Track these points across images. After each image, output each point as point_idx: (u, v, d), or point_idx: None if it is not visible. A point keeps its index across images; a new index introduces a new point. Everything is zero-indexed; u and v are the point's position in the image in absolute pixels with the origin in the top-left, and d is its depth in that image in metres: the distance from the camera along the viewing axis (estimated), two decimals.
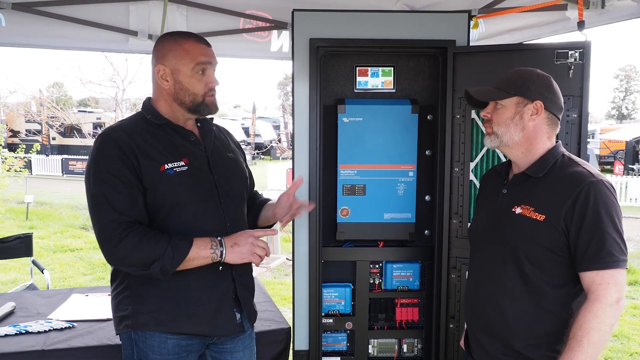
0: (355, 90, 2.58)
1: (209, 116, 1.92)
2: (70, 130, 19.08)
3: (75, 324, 2.44)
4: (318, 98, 2.41)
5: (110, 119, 17.83)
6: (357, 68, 2.57)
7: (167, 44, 1.78)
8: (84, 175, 1.78)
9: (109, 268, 6.79)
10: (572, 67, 2.14)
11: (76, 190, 13.26)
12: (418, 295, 2.65)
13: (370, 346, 2.67)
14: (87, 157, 1.80)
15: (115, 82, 9.83)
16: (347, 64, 2.58)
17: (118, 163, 1.69)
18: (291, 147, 2.54)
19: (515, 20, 2.82)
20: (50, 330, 2.36)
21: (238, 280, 1.87)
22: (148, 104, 1.85)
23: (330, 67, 2.55)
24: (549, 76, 1.70)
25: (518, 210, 1.67)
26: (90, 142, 15.31)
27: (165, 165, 1.73)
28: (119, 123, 1.84)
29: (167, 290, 1.76)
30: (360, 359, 2.66)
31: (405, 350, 2.69)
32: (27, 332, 2.33)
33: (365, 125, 2.49)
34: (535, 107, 1.66)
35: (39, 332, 2.33)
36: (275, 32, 3.44)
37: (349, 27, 2.40)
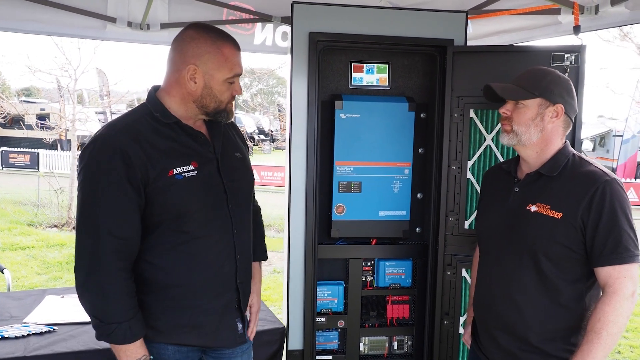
0: (350, 87, 2.55)
1: None
2: (12, 122, 18.03)
3: (55, 327, 2.29)
4: (316, 93, 2.37)
5: (55, 109, 16.99)
6: (353, 64, 2.54)
7: (204, 45, 1.62)
8: (26, 169, 1.64)
9: (65, 267, 6.43)
10: (568, 69, 2.20)
11: (19, 185, 12.56)
12: (409, 293, 2.66)
13: (361, 344, 2.66)
14: (82, 161, 1.58)
15: (67, 71, 9.37)
16: (342, 60, 2.54)
17: (125, 183, 1.54)
18: (288, 141, 2.47)
19: (504, 22, 2.87)
20: (29, 335, 2.21)
21: (241, 289, 1.79)
22: (155, 98, 1.68)
23: (325, 62, 2.51)
24: (569, 79, 1.73)
25: (533, 208, 1.69)
26: (35, 134, 14.52)
27: (174, 170, 1.61)
28: (123, 123, 1.64)
29: (169, 300, 1.66)
30: (352, 357, 2.64)
31: (395, 347, 2.69)
32: (4, 338, 2.17)
33: (362, 122, 2.46)
34: (555, 110, 1.69)
35: (17, 337, 2.18)
36: (259, 24, 3.36)
37: (348, 22, 2.36)
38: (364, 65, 2.55)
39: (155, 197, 1.60)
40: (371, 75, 2.57)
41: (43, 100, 21.42)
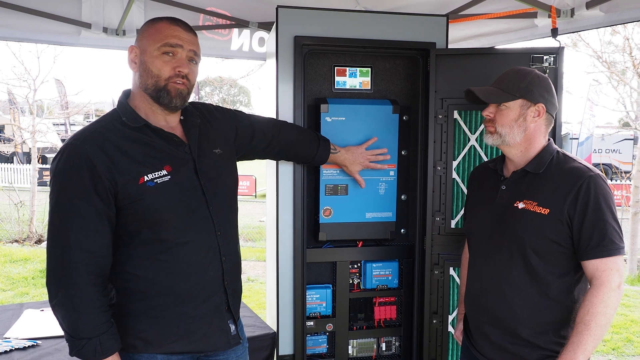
0: (333, 90, 2.57)
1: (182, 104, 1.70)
2: None
3: (38, 341, 2.21)
4: (302, 97, 2.38)
5: (6, 121, 16.39)
6: (336, 68, 2.56)
7: (145, 26, 1.69)
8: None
9: (31, 282, 6.21)
10: (547, 71, 2.28)
11: None
12: (395, 294, 2.68)
13: (350, 347, 2.66)
14: (51, 173, 1.58)
15: (27, 81, 9.05)
16: (325, 64, 2.56)
17: (92, 195, 1.52)
18: None
19: (482, 26, 2.95)
20: (11, 350, 2.13)
21: (230, 289, 1.76)
22: (124, 101, 1.67)
23: (308, 66, 2.52)
24: (547, 77, 1.79)
25: (521, 205, 1.74)
26: None
27: (145, 176, 1.57)
28: (89, 131, 1.60)
29: (155, 309, 1.63)
30: None
31: (384, 348, 2.71)
32: None
33: (348, 125, 2.47)
34: (537, 110, 1.75)
35: None
36: (236, 30, 3.36)
37: (332, 25, 2.38)
38: (347, 69, 2.57)
39: (127, 206, 1.56)
40: (354, 79, 2.59)
41: None
